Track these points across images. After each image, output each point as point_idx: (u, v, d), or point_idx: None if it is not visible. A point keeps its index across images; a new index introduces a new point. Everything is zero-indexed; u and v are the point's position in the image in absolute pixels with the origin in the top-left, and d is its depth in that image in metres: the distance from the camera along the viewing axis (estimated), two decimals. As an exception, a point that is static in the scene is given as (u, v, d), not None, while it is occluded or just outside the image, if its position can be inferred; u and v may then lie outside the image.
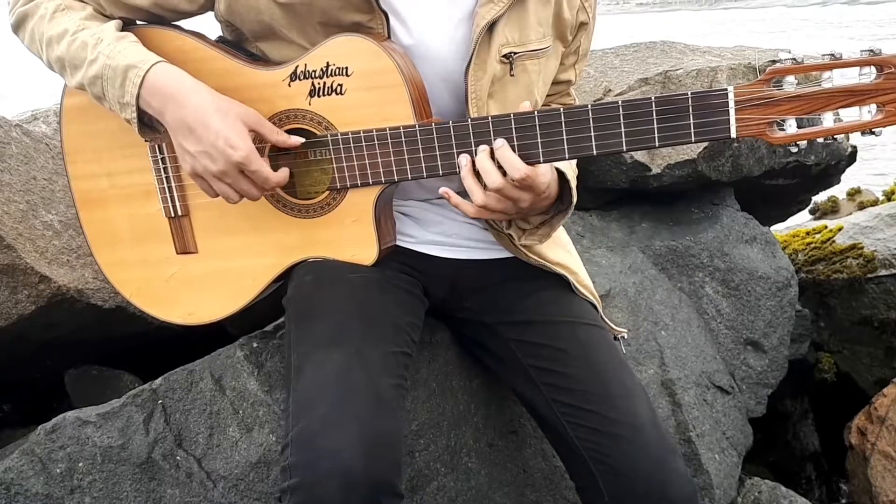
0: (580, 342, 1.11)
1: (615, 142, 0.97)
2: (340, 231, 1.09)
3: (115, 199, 1.15)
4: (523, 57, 1.08)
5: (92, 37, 1.01)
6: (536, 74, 1.12)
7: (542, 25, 1.09)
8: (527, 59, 1.09)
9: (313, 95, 1.04)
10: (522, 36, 1.07)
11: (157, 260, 1.15)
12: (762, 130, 0.93)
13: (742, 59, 1.75)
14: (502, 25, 1.05)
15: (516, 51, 1.06)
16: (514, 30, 1.06)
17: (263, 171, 0.99)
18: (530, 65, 1.10)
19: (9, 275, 1.36)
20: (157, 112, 0.99)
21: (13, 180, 1.42)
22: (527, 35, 1.08)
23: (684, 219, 1.75)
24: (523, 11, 1.06)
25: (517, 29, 1.07)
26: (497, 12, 1.03)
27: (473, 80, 1.05)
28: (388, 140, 1.03)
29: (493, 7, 1.03)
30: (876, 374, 2.32)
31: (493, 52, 1.05)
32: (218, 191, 1.02)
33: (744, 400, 1.63)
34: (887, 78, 0.89)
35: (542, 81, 1.14)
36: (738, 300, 1.67)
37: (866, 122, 0.91)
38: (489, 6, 1.03)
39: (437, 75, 1.07)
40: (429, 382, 1.22)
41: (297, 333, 1.02)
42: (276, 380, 1.18)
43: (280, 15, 1.02)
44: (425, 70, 1.06)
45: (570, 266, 1.20)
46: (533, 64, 1.10)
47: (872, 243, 2.40)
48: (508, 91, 1.09)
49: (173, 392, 1.20)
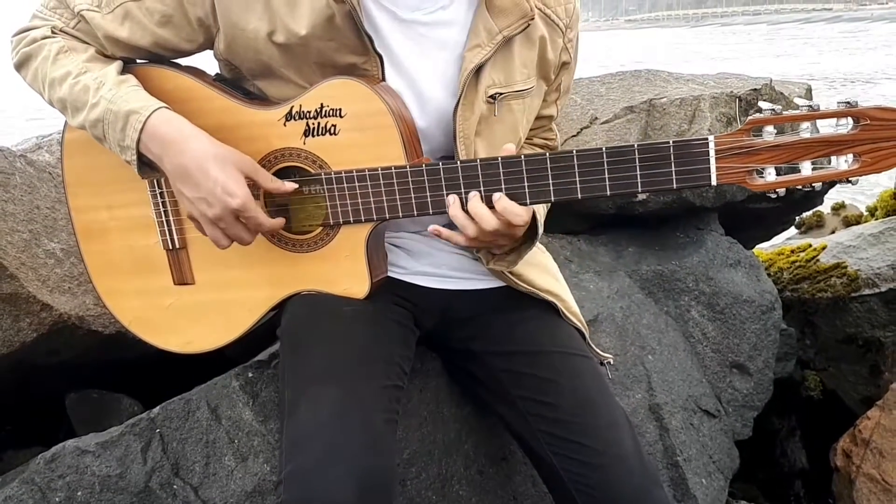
0: (567, 373, 1.14)
1: (599, 186, 1.01)
2: (333, 266, 1.12)
3: (114, 231, 1.19)
4: (508, 97, 1.12)
5: (94, 80, 1.04)
6: (521, 113, 1.16)
7: (526, 67, 1.13)
8: (512, 99, 1.13)
9: (308, 135, 1.08)
10: (508, 78, 1.11)
11: (156, 290, 1.19)
12: (742, 178, 0.96)
13: (724, 88, 1.80)
14: (489, 68, 1.09)
15: (502, 92, 1.10)
16: (500, 72, 1.10)
17: (258, 218, 1.03)
18: (515, 104, 1.14)
19: (12, 303, 1.39)
20: (157, 157, 1.03)
21: (17, 210, 1.45)
22: (512, 77, 1.12)
23: (670, 243, 1.79)
24: (509, 54, 1.11)
25: (503, 71, 1.11)
26: (484, 56, 1.07)
27: (461, 120, 1.09)
28: (380, 179, 1.07)
29: (481, 51, 1.07)
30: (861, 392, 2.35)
31: (481, 94, 1.09)
32: (210, 235, 1.05)
33: (730, 423, 1.67)
34: (863, 129, 0.92)
35: (525, 120, 1.18)
36: (724, 324, 1.71)
37: (843, 171, 0.94)
38: (476, 50, 1.07)
39: (428, 114, 1.11)
40: (420, 411, 1.25)
41: (290, 367, 1.05)
42: (270, 409, 1.21)
43: (278, 55, 1.06)
44: (417, 109, 1.10)
45: (558, 293, 1.23)
46: (517, 104, 1.14)
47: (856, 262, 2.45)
48: (494, 129, 1.13)
49: (170, 421, 1.23)
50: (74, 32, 1.09)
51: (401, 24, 1.08)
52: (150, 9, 1.07)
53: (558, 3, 1.14)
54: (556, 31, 1.15)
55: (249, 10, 1.04)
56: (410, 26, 1.08)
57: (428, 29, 1.09)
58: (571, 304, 1.25)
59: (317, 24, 1.03)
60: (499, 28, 1.07)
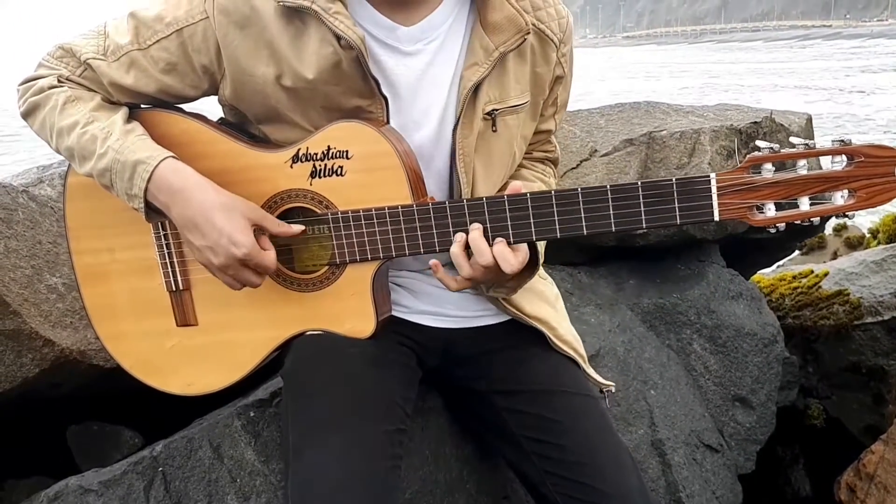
0: (572, 413, 1.14)
1: (604, 223, 1.02)
2: (339, 305, 1.13)
3: (117, 274, 1.19)
4: (504, 113, 1.13)
5: (101, 130, 1.05)
6: (516, 129, 1.17)
7: (519, 82, 1.15)
8: (507, 114, 1.14)
9: (314, 176, 1.09)
10: (503, 93, 1.13)
11: (158, 332, 1.19)
12: (743, 213, 0.98)
13: (724, 121, 1.82)
14: (486, 85, 1.10)
15: (498, 108, 1.12)
16: (496, 88, 1.12)
17: (265, 263, 1.04)
18: (510, 119, 1.15)
19: (14, 339, 1.40)
20: (164, 206, 1.04)
21: (20, 246, 1.46)
22: (507, 92, 1.13)
23: (671, 276, 1.79)
24: (504, 70, 1.12)
25: (498, 87, 1.12)
26: (481, 74, 1.09)
27: (461, 139, 1.10)
28: (387, 219, 1.08)
29: (478, 69, 1.09)
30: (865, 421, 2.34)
31: (479, 111, 1.11)
32: (221, 280, 1.06)
33: (733, 457, 1.66)
34: (858, 166, 0.95)
35: (520, 136, 1.19)
36: (726, 357, 1.71)
37: (840, 206, 0.97)
38: (474, 68, 1.09)
39: (430, 139, 1.13)
40: (421, 450, 1.25)
41: (295, 411, 1.05)
42: (272, 449, 1.21)
43: (285, 99, 1.07)
44: (419, 135, 1.11)
45: (548, 321, 1.22)
46: (513, 119, 1.15)
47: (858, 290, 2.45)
48: (492, 146, 1.14)
49: (173, 459, 1.23)
50: (81, 80, 1.10)
51: (405, 57, 1.10)
52: (154, 57, 1.08)
53: (552, 18, 1.16)
54: (551, 45, 1.16)
55: (257, 57, 1.06)
56: (414, 56, 1.10)
57: (430, 55, 1.11)
58: (564, 332, 1.24)
59: (324, 68, 1.04)
60: (495, 45, 1.09)
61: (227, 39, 1.05)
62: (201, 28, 1.06)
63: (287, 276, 1.14)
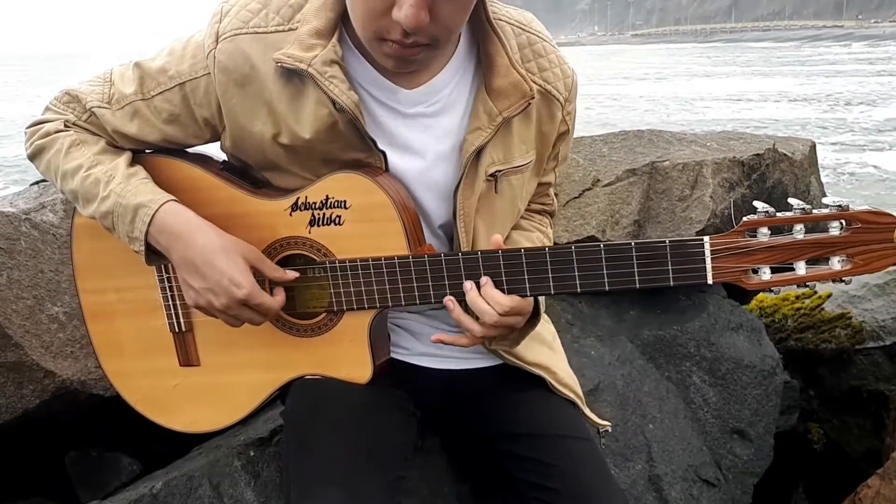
0: (569, 457, 1.14)
1: (598, 281, 1.02)
2: (336, 351, 1.13)
3: (122, 313, 1.20)
4: (508, 173, 1.13)
5: (104, 174, 1.07)
6: (520, 188, 1.17)
7: (524, 143, 1.14)
8: (511, 174, 1.14)
9: (313, 225, 1.09)
10: (507, 155, 1.12)
11: (162, 371, 1.20)
12: (738, 277, 0.97)
13: (727, 152, 1.81)
14: (489, 149, 1.10)
15: (501, 169, 1.12)
16: (500, 150, 1.12)
17: (266, 304, 1.05)
18: (514, 179, 1.15)
19: (16, 371, 1.41)
20: (165, 249, 1.05)
21: (22, 276, 1.47)
22: (511, 154, 1.13)
23: (672, 307, 1.79)
24: (508, 133, 1.12)
25: (502, 150, 1.12)
26: (485, 139, 1.09)
27: (462, 200, 1.11)
28: (384, 269, 1.08)
29: (482, 133, 1.09)
30: (865, 445, 2.34)
31: (481, 174, 1.11)
32: (222, 320, 1.07)
33: (730, 491, 1.66)
34: (854, 232, 0.93)
35: (525, 192, 1.19)
36: (725, 389, 1.71)
37: (836, 272, 0.95)
38: (477, 133, 1.09)
39: (431, 197, 1.13)
40: (420, 490, 1.25)
41: (294, 461, 1.06)
42: (271, 489, 1.22)
43: (283, 154, 1.08)
44: (420, 191, 1.12)
45: (548, 366, 1.22)
46: (517, 178, 1.15)
47: (860, 313, 2.44)
48: (495, 206, 1.14)
49: (173, 497, 1.24)
50: (86, 126, 1.12)
51: (405, 119, 1.10)
52: (158, 108, 1.09)
53: (557, 78, 1.15)
54: (556, 104, 1.16)
55: (255, 115, 1.06)
56: (415, 119, 1.10)
57: (431, 120, 1.11)
58: (564, 375, 1.24)
59: (320, 129, 1.05)
60: (499, 110, 1.09)
61: (226, 96, 1.06)
62: (203, 83, 1.07)
63: (286, 322, 1.15)
